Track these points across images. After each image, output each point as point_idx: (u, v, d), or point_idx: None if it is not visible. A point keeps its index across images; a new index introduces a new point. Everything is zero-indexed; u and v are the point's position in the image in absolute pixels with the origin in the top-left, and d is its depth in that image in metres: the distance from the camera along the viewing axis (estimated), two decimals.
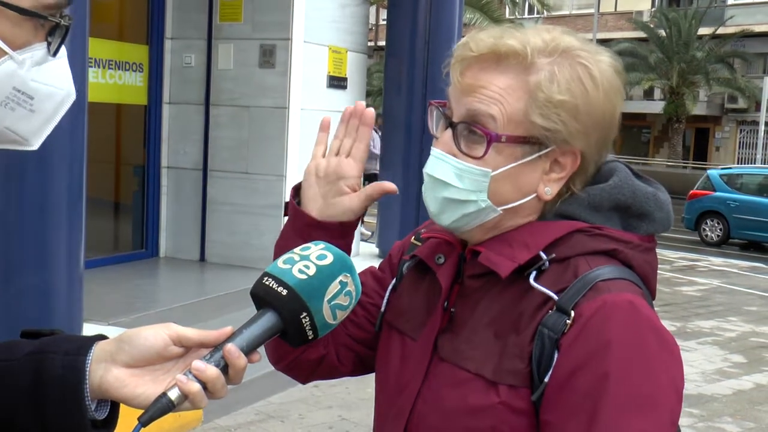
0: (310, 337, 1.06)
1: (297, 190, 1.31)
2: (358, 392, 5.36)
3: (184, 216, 7.11)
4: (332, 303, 1.05)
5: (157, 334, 1.02)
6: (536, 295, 1.13)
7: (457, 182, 1.16)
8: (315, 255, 1.07)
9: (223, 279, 6.44)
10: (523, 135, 1.14)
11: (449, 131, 1.17)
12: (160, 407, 0.97)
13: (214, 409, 4.75)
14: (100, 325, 4.86)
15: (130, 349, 1.01)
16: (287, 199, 1.32)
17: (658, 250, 1.24)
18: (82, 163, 3.92)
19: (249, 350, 1.02)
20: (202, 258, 7.06)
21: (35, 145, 1.05)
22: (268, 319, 1.04)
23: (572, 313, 1.09)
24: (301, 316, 1.04)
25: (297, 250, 1.08)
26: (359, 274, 1.38)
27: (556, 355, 1.09)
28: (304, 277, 1.04)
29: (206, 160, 7.01)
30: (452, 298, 1.24)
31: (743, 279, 11.53)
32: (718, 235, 15.56)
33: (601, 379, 1.05)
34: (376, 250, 8.08)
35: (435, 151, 1.19)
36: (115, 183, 7.52)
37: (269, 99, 6.74)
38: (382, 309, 1.36)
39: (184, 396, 0.98)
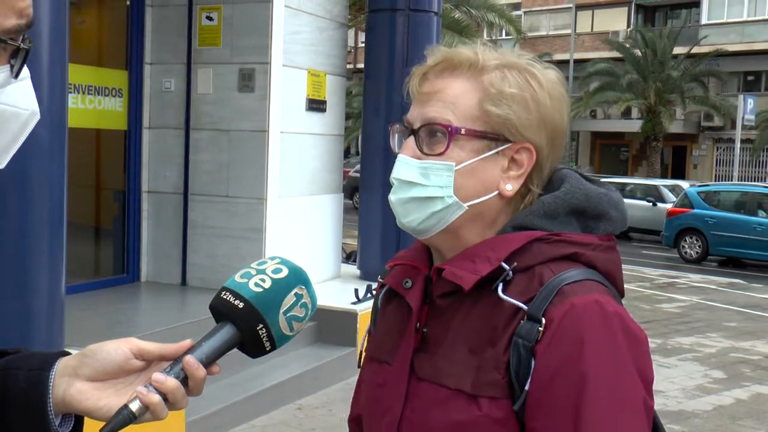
0: (267, 348, 1.10)
1: None
2: (342, 414, 5.35)
3: (165, 240, 7.10)
4: (288, 315, 1.09)
5: (118, 348, 1.05)
6: (506, 307, 1.18)
7: (422, 180, 1.22)
8: (271, 269, 1.11)
9: (204, 302, 6.31)
10: (481, 130, 1.21)
11: (412, 138, 1.24)
12: (122, 419, 1.01)
13: None
14: (81, 350, 4.83)
15: (92, 362, 1.05)
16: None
17: (637, 268, 1.29)
18: (63, 188, 3.92)
19: (208, 362, 1.06)
20: (184, 282, 7.04)
21: (2, 164, 1.07)
22: (227, 332, 1.08)
23: (543, 320, 1.14)
24: (258, 328, 1.08)
25: (254, 264, 1.13)
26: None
27: (533, 363, 1.13)
28: (259, 290, 1.08)
29: (187, 183, 7.00)
30: (422, 318, 1.27)
31: (722, 295, 11.63)
32: (697, 252, 15.67)
33: (579, 380, 1.10)
34: (358, 272, 8.09)
35: (400, 157, 1.25)
36: (96, 208, 7.49)
37: (249, 122, 6.76)
38: (362, 349, 1.41)
39: (145, 407, 1.01)
